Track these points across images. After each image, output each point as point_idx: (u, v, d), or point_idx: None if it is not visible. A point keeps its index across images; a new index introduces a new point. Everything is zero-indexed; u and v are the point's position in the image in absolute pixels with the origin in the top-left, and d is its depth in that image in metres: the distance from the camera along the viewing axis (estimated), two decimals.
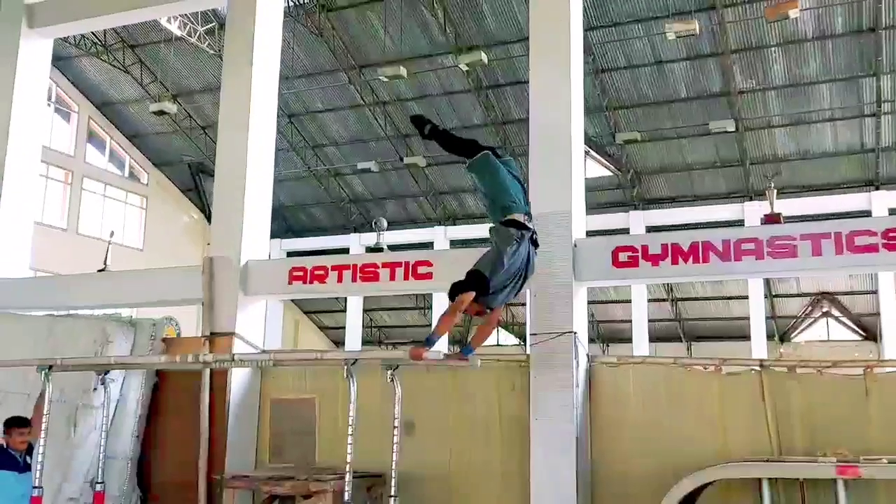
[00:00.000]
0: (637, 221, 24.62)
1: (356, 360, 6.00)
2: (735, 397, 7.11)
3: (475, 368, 6.84)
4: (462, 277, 6.09)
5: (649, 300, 26.25)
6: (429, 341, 6.17)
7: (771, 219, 7.51)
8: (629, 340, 24.71)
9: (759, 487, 6.11)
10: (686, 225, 22.15)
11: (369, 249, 20.58)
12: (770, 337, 26.98)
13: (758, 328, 23.62)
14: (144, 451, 8.72)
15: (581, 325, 7.63)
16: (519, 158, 8.16)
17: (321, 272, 8.70)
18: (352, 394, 5.92)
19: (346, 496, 5.72)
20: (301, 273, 8.81)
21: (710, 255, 7.17)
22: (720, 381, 7.21)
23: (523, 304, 7.29)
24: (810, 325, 29.11)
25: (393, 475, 6.14)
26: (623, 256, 7.46)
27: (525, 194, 6.46)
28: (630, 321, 25.06)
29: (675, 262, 7.27)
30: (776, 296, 27.79)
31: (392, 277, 8.41)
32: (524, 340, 22.93)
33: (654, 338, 26.96)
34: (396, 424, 6.16)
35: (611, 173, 25.18)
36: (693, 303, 28.92)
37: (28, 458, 7.01)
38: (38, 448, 6.84)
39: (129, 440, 8.50)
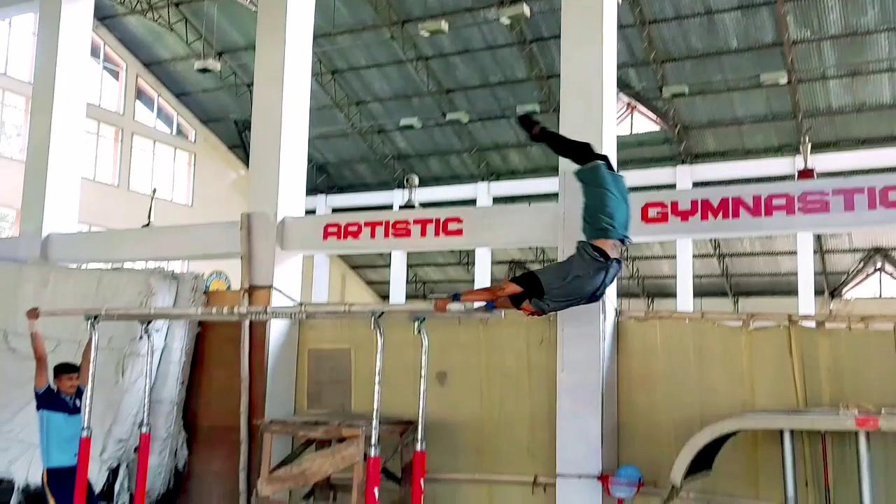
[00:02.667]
0: (684, 177, 24.28)
1: (382, 312, 6.14)
2: (763, 352, 7.13)
3: (499, 318, 6.95)
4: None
5: (696, 256, 26.01)
6: (455, 297, 6.27)
7: (804, 174, 7.41)
8: (675, 296, 24.58)
9: (782, 439, 6.15)
10: (734, 180, 21.76)
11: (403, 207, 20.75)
12: (820, 293, 26.59)
13: (806, 284, 23.26)
14: (189, 397, 9.10)
15: None
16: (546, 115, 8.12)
17: (354, 228, 8.87)
18: (379, 344, 6.10)
19: (374, 439, 5.93)
20: (335, 229, 8.98)
21: (741, 210, 7.13)
22: (748, 335, 7.23)
23: (542, 261, 7.33)
24: (862, 280, 28.56)
25: (420, 421, 6.35)
26: (653, 212, 7.46)
27: (627, 218, 5.97)
28: (675, 276, 24.90)
29: (704, 217, 7.25)
30: (827, 251, 27.28)
31: (423, 234, 8.54)
32: None
33: (701, 293, 26.78)
34: (423, 374, 6.34)
35: (658, 128, 24.85)
36: (741, 258, 28.57)
37: (77, 402, 7.40)
38: (87, 392, 7.20)
39: (174, 386, 8.87)
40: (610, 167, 6.11)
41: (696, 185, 23.20)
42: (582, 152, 6.19)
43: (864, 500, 5.67)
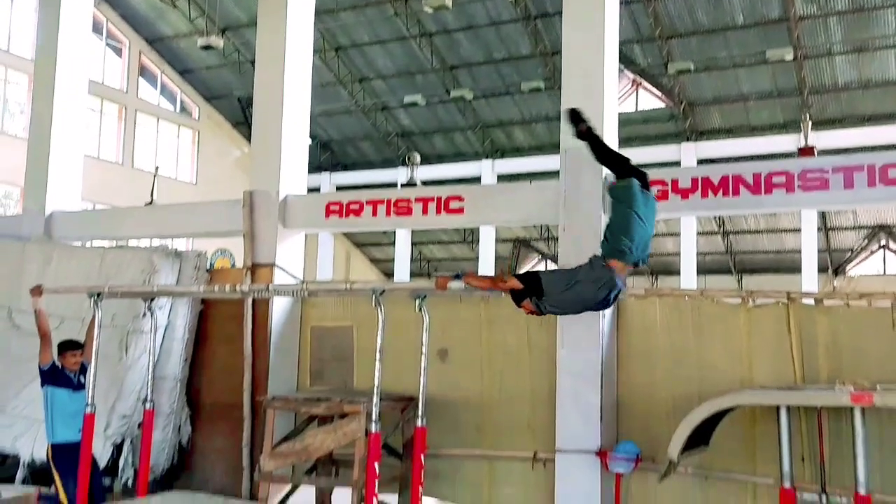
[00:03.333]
0: (689, 154, 24.20)
1: (384, 290, 6.21)
2: (762, 329, 7.15)
3: (500, 296, 6.99)
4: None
5: (700, 233, 26.00)
6: (457, 276, 6.31)
7: (805, 151, 7.41)
8: (678, 273, 24.60)
9: (778, 415, 6.19)
10: (740, 157, 21.68)
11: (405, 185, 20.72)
12: (824, 270, 26.60)
13: (810, 261, 23.26)
14: (193, 374, 9.19)
15: None
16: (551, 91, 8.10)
17: (356, 207, 8.90)
18: (380, 322, 6.16)
19: (374, 416, 6.01)
20: (337, 208, 9.02)
21: (741, 188, 7.13)
22: (747, 312, 7.24)
23: (546, 239, 7.35)
24: (867, 258, 28.53)
25: (421, 398, 6.43)
26: (653, 190, 7.43)
27: (648, 242, 5.95)
28: (679, 254, 24.91)
29: (704, 195, 7.26)
30: (831, 228, 27.24)
31: (425, 212, 8.56)
32: None
33: (705, 270, 26.79)
34: (424, 351, 6.41)
35: (663, 105, 24.74)
36: (745, 235, 28.55)
37: (82, 378, 7.49)
38: (90, 369, 7.28)
39: (178, 363, 8.95)
40: (645, 186, 5.99)
41: (700, 162, 23.14)
42: (620, 166, 6.10)
43: (858, 475, 5.71)
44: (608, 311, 7.53)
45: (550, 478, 7.57)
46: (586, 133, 6.26)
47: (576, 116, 6.32)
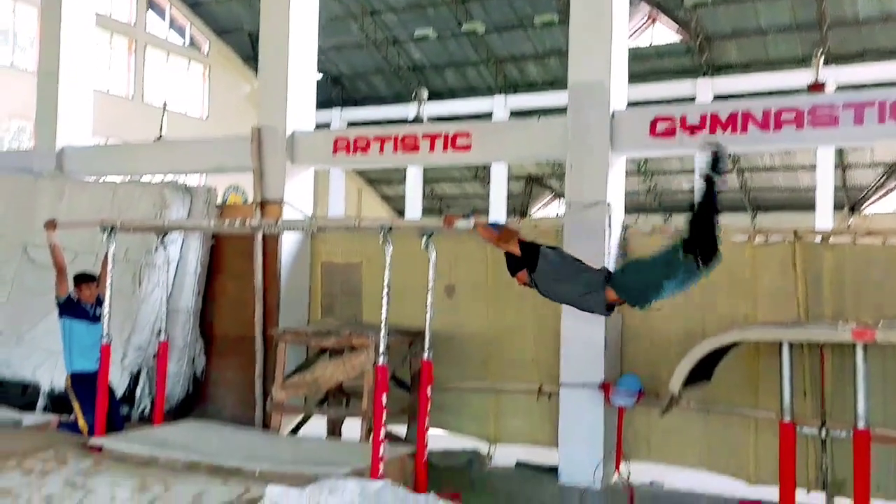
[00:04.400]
0: (705, 90, 23.78)
1: (391, 227, 6.26)
2: (767, 266, 7.19)
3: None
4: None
5: None
6: (466, 216, 6.34)
7: (815, 87, 7.31)
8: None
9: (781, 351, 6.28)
10: (757, 93, 21.33)
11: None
12: (840, 208, 26.37)
13: (825, 198, 23.03)
14: (205, 307, 9.36)
15: (617, 196, 7.72)
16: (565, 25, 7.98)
17: (363, 143, 8.88)
18: (387, 258, 6.24)
19: (382, 349, 6.14)
20: (344, 144, 9.00)
21: (749, 125, 7.07)
22: (753, 250, 7.28)
23: (559, 176, 7.35)
24: (883, 196, 28.25)
25: (427, 332, 6.54)
26: (661, 127, 7.40)
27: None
28: (693, 192, 24.74)
29: (713, 132, 7.18)
30: (848, 166, 26.93)
31: (432, 149, 8.53)
32: None
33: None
34: (430, 287, 6.50)
35: (679, 39, 24.27)
36: (760, 173, 28.28)
37: (98, 311, 7.66)
38: (106, 302, 7.44)
39: (190, 296, 9.12)
40: (707, 263, 5.26)
41: (717, 98, 22.77)
42: (706, 241, 5.24)
43: (858, 410, 5.83)
44: (614, 249, 7.58)
45: (555, 410, 7.74)
46: (709, 183, 5.18)
47: (716, 160, 5.21)
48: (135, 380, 8.75)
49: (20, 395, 9.47)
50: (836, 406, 6.62)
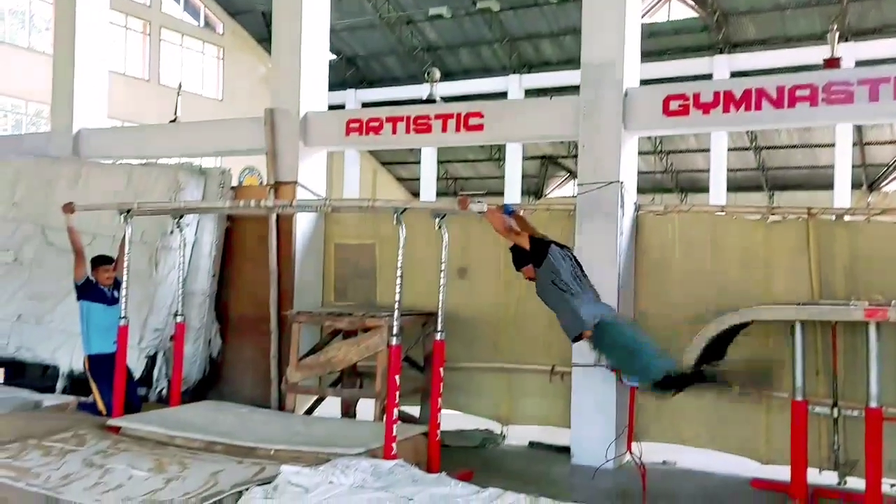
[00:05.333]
0: (721, 67, 23.57)
1: (404, 209, 6.28)
2: (780, 245, 7.17)
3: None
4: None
5: (731, 149, 25.57)
6: (477, 202, 6.35)
7: (830, 63, 7.22)
8: (708, 190, 24.34)
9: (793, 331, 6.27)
10: (774, 69, 21.08)
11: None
12: (858, 186, 26.13)
13: (843, 176, 22.83)
14: (221, 289, 9.44)
15: (630, 175, 7.70)
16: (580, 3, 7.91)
17: (376, 124, 8.89)
18: (401, 239, 6.26)
19: (395, 329, 6.18)
20: (357, 125, 9.02)
21: (763, 102, 7.01)
22: (766, 228, 7.25)
23: (575, 156, 7.34)
24: None
25: (440, 313, 6.57)
26: (674, 105, 7.36)
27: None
28: (709, 170, 24.58)
29: (726, 110, 7.15)
30: (867, 143, 26.62)
31: (444, 129, 8.52)
32: None
33: (735, 187, 26.47)
34: (443, 268, 6.53)
35: (696, 14, 24.01)
36: (777, 151, 28.04)
37: (116, 293, 7.74)
38: (123, 284, 7.52)
39: (206, 278, 9.19)
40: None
41: (734, 74, 22.52)
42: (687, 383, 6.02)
43: (870, 389, 5.82)
44: (626, 228, 7.57)
45: (567, 390, 7.77)
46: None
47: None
48: (152, 361, 8.84)
49: (40, 376, 9.63)
50: (849, 385, 6.60)
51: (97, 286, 7.77)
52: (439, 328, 6.59)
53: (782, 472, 6.58)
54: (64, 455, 5.85)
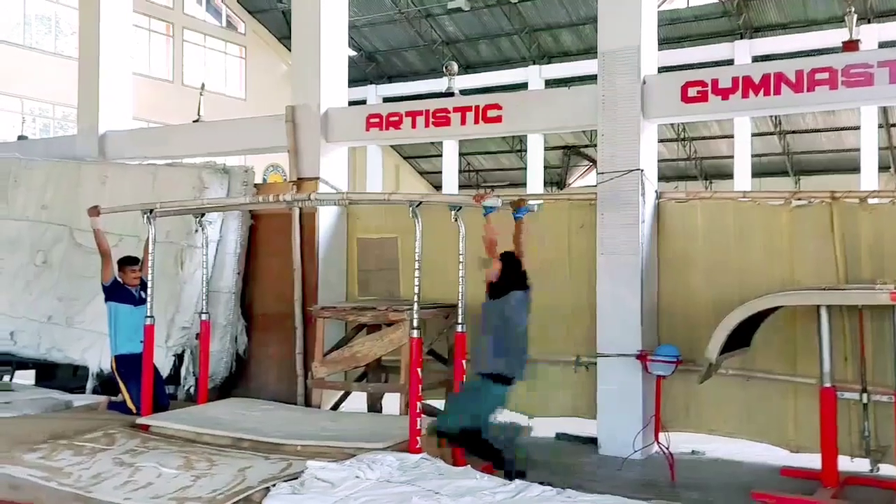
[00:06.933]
0: (743, 52, 23.25)
1: (420, 202, 6.31)
2: (804, 229, 7.10)
3: (533, 210, 7.12)
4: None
5: (755, 134, 25.27)
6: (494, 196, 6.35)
7: (849, 46, 7.13)
8: (733, 176, 24.09)
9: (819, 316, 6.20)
10: (796, 53, 20.80)
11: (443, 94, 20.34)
12: (885, 168, 25.71)
13: (869, 159, 22.48)
14: (246, 286, 9.51)
15: (650, 163, 7.66)
16: None
17: (395, 118, 8.93)
18: (418, 232, 6.29)
19: (415, 322, 6.20)
20: (377, 120, 9.06)
21: (782, 86, 6.93)
22: (789, 213, 7.18)
23: (596, 145, 7.28)
24: None
25: (461, 305, 6.59)
26: (692, 91, 7.31)
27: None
28: (734, 156, 24.32)
29: (745, 95, 7.08)
30: (893, 125, 26.18)
31: (463, 122, 8.53)
32: None
33: (760, 173, 26.16)
34: (461, 260, 6.54)
35: (716, 0, 23.73)
36: (802, 135, 27.64)
37: (143, 294, 7.86)
38: (149, 284, 7.62)
39: (231, 276, 9.27)
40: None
41: (755, 59, 22.23)
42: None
43: None
44: (648, 216, 7.54)
45: (593, 380, 7.76)
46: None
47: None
48: (179, 359, 8.95)
49: (71, 377, 9.80)
50: (878, 370, 6.52)
51: (124, 287, 7.88)
52: (461, 320, 6.61)
53: (813, 461, 6.51)
54: (94, 454, 5.96)
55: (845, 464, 6.42)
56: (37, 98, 23.49)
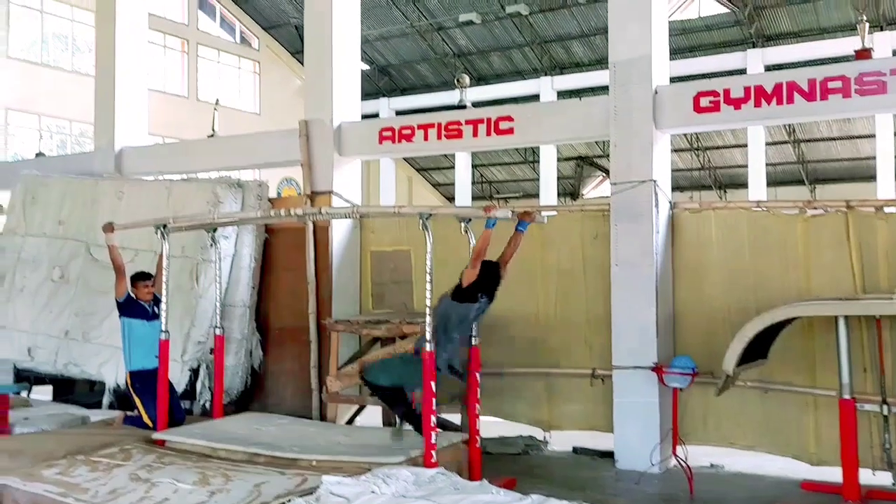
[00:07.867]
0: (755, 61, 23.20)
1: (430, 214, 6.30)
2: (819, 239, 7.04)
3: (543, 223, 7.22)
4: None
5: (770, 143, 25.19)
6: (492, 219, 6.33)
7: (861, 54, 7.08)
8: (748, 186, 23.98)
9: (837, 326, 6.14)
10: (809, 62, 20.72)
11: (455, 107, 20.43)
12: None
13: (885, 167, 22.33)
14: (261, 300, 9.54)
15: (663, 173, 7.63)
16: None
17: (408, 132, 8.95)
18: (428, 244, 6.28)
19: (428, 335, 6.18)
20: (390, 133, 9.09)
21: (795, 95, 6.90)
22: (804, 223, 7.13)
23: (607, 156, 7.27)
24: None
25: None
26: (705, 101, 7.29)
27: None
28: (748, 166, 24.22)
29: (758, 104, 7.05)
30: None
31: (475, 134, 8.54)
32: None
33: (775, 182, 26.05)
34: None
35: (727, 9, 23.70)
36: (817, 144, 27.52)
37: (157, 309, 7.87)
38: (164, 299, 7.64)
39: (246, 290, 9.29)
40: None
41: (768, 68, 22.17)
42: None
43: None
44: (661, 227, 7.50)
45: (609, 393, 7.69)
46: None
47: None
48: (195, 374, 8.96)
49: (88, 392, 9.84)
50: None
51: (137, 302, 7.90)
52: (474, 333, 6.60)
53: (834, 474, 6.41)
54: (111, 470, 5.96)
55: (867, 477, 6.33)
56: (54, 115, 23.75)
